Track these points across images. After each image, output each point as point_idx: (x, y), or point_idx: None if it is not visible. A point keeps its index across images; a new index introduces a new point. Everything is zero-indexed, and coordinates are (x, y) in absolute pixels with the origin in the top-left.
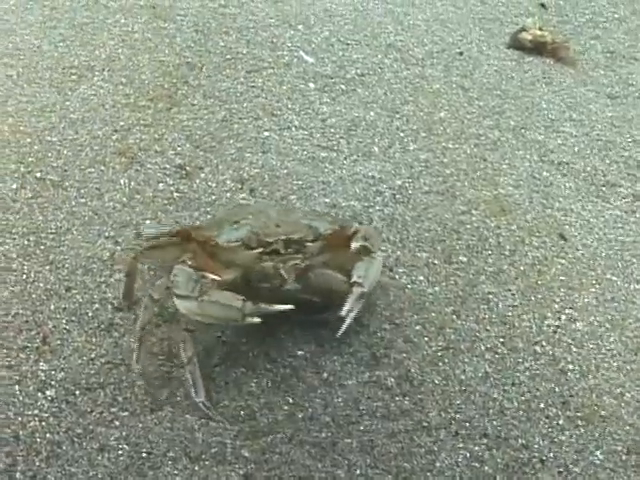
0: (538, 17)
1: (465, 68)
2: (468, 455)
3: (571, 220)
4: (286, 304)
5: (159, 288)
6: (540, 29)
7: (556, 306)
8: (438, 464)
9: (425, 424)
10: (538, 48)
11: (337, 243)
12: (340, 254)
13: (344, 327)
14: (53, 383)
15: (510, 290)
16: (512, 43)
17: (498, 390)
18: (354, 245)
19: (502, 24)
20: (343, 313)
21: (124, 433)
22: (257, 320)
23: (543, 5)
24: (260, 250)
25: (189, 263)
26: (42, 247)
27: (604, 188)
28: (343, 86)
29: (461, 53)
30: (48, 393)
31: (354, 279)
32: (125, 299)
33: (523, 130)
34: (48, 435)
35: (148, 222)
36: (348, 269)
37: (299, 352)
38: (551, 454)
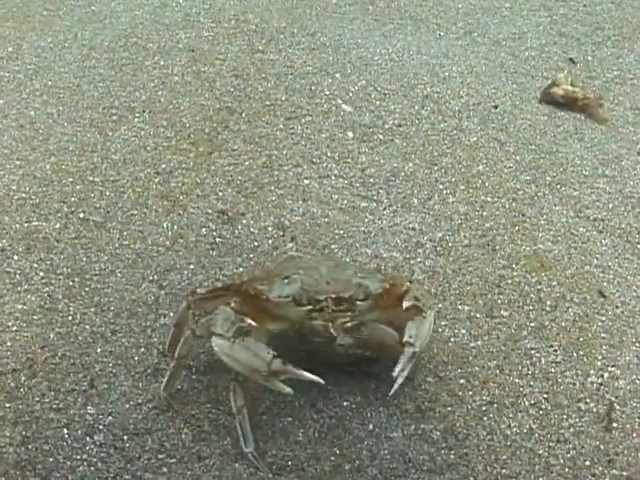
0: (567, 72)
1: (500, 122)
2: None
3: (609, 277)
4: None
5: (202, 326)
6: (572, 84)
7: (598, 363)
8: None
9: (472, 479)
10: (569, 103)
11: (388, 302)
12: (391, 312)
13: (396, 387)
14: (101, 427)
15: (552, 346)
16: (544, 97)
17: (543, 446)
18: (405, 304)
19: (533, 78)
20: (395, 373)
21: None
22: (287, 390)
23: (572, 60)
24: (310, 307)
25: (233, 306)
26: (87, 289)
27: (639, 246)
28: (381, 136)
29: (496, 106)
30: (96, 438)
31: (406, 339)
32: (170, 349)
33: (559, 186)
34: None
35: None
36: (399, 327)
37: (345, 403)
38: None
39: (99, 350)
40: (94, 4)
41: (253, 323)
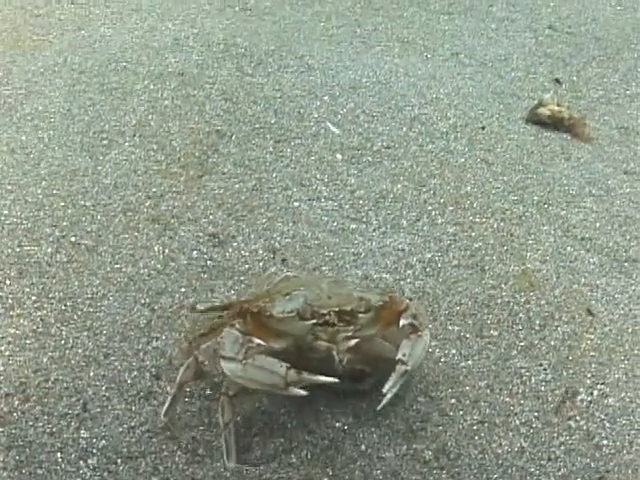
0: (553, 92)
1: (488, 142)
2: None
3: (597, 296)
4: (334, 372)
5: (205, 351)
6: (558, 105)
7: (588, 381)
8: None
9: None
10: (555, 123)
11: (387, 316)
12: (389, 327)
13: (384, 402)
14: (94, 451)
15: (542, 365)
16: (530, 118)
17: (535, 465)
18: (402, 322)
19: (519, 99)
20: (385, 390)
21: None
22: (302, 393)
23: (558, 80)
24: (314, 321)
25: (237, 327)
26: (79, 312)
27: (626, 264)
28: (370, 158)
29: (483, 127)
30: (90, 461)
31: (399, 357)
32: (180, 390)
33: (546, 205)
34: None
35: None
36: (396, 342)
37: (337, 424)
38: None
39: (92, 374)
40: (84, 28)
41: (262, 342)
